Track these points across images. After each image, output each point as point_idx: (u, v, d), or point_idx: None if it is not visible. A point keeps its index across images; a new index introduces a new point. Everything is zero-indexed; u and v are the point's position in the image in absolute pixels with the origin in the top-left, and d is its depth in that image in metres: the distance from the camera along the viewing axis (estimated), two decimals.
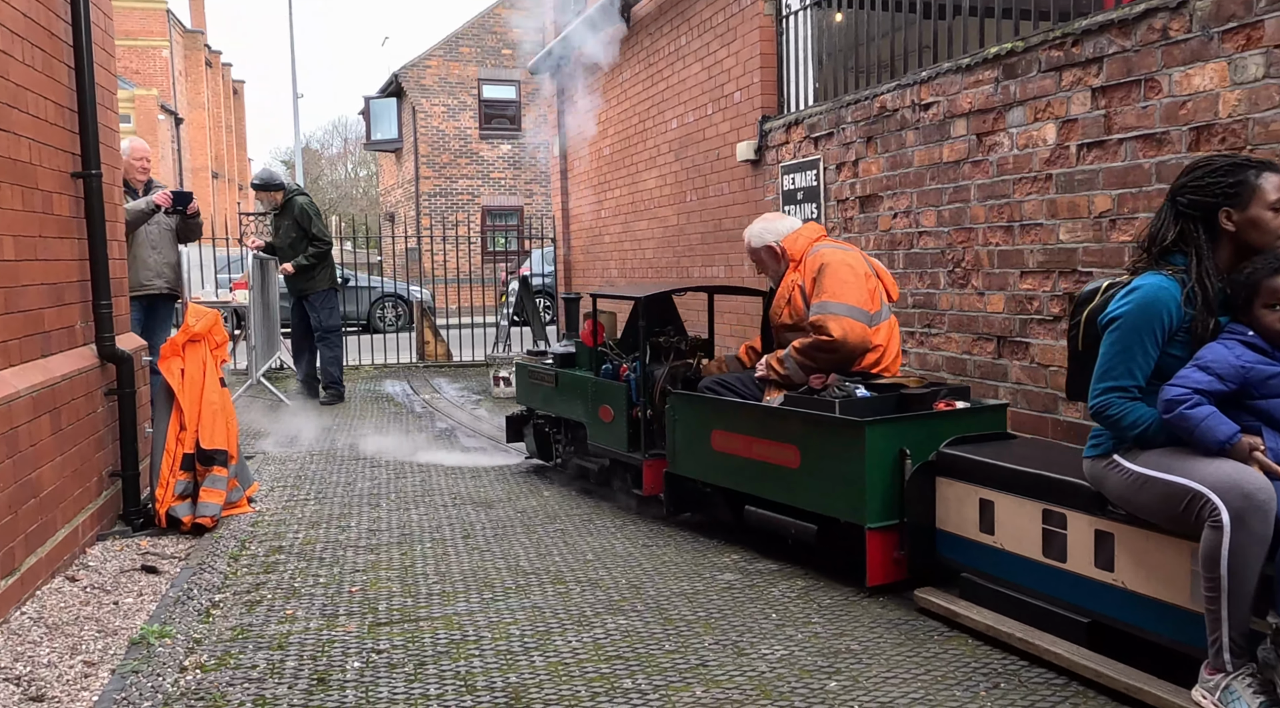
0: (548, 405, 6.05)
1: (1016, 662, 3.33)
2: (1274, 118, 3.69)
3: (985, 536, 3.57)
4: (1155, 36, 4.15)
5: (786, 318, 4.61)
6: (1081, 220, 4.61)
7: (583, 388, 5.55)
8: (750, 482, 4.43)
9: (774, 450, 4.27)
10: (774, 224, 4.79)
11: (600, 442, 5.44)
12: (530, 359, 6.52)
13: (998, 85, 5.08)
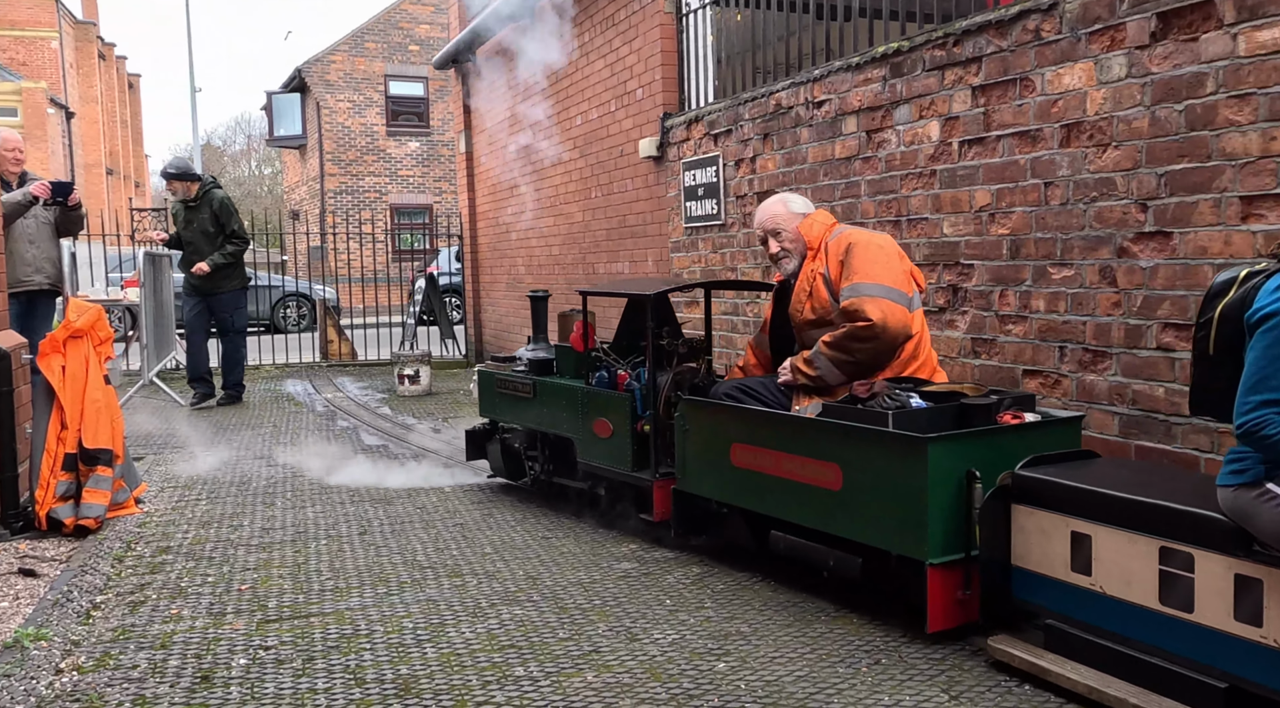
0: (521, 418, 5.36)
1: (896, 636, 3.44)
2: (1136, 116, 3.88)
3: (1079, 576, 2.95)
4: (1029, 37, 4.32)
5: (809, 313, 4.04)
6: (963, 215, 4.78)
7: (571, 399, 4.89)
8: (777, 504, 3.81)
9: (809, 468, 3.63)
10: (790, 204, 4.25)
11: (595, 460, 4.77)
12: (497, 366, 5.76)
13: (885, 84, 5.23)
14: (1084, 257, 4.17)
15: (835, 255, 3.97)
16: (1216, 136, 3.58)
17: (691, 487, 4.26)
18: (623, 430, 4.55)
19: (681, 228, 7.48)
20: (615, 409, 4.59)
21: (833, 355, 3.88)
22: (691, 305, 7.37)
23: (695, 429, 4.21)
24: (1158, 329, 3.88)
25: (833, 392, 3.90)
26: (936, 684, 3.07)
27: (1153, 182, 3.83)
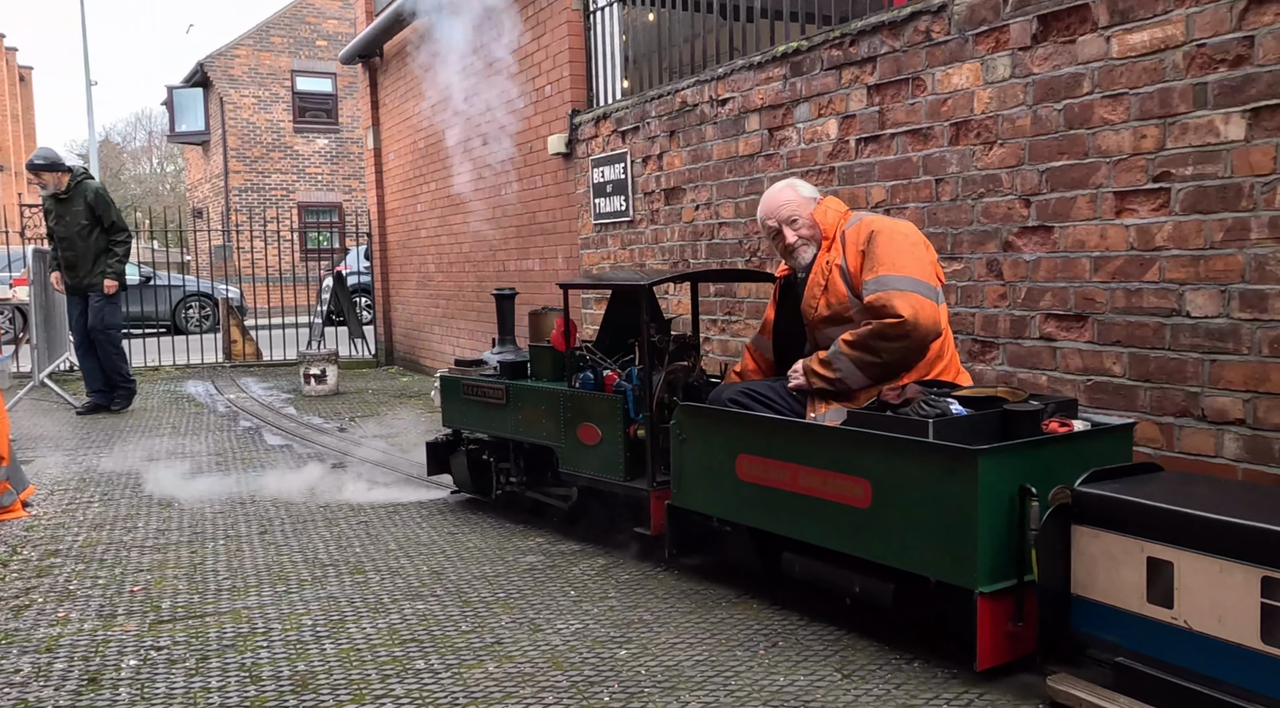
0: (491, 427, 4.90)
1: (794, 619, 3.52)
2: (1019, 115, 4.04)
3: (1157, 609, 2.59)
4: (920, 38, 4.46)
5: (824, 309, 3.60)
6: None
7: (551, 404, 4.46)
8: (792, 522, 3.40)
9: (832, 483, 3.22)
10: (800, 190, 3.82)
11: (581, 469, 4.35)
12: (462, 371, 5.26)
13: (786, 82, 5.34)
14: (972, 251, 4.32)
15: (854, 245, 3.53)
16: (1093, 134, 3.75)
17: (688, 502, 3.82)
18: (613, 436, 4.13)
19: (591, 224, 7.51)
20: (604, 413, 4.18)
21: (855, 356, 3.42)
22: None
23: (694, 439, 3.76)
24: (1040, 319, 4.04)
25: (854, 397, 3.47)
26: (830, 664, 3.15)
27: (1035, 178, 4.00)
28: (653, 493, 4.02)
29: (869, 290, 3.42)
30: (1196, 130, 3.39)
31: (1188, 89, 3.41)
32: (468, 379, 5.04)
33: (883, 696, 2.92)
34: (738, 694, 2.96)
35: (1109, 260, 3.73)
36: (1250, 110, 3.23)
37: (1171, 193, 3.50)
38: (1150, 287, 3.61)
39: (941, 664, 3.09)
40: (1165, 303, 3.56)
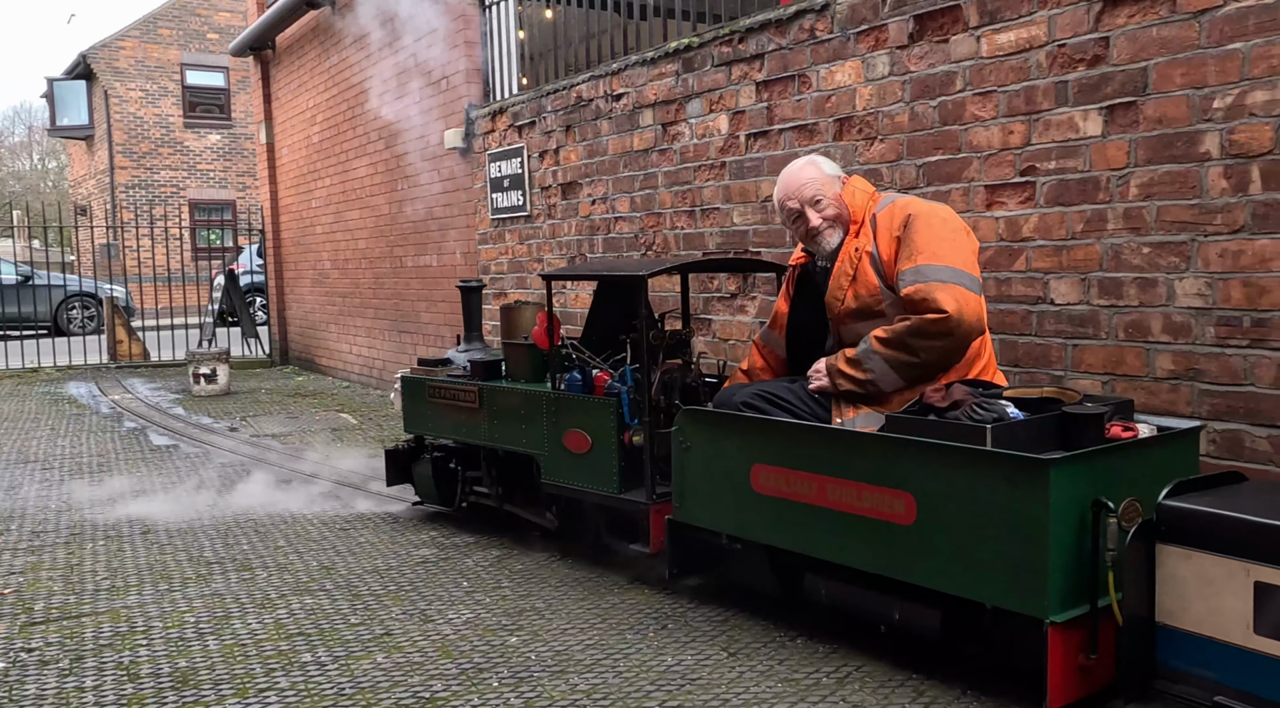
0: (461, 433, 4.45)
1: (684, 602, 3.59)
2: (897, 111, 4.19)
3: (1267, 642, 2.26)
4: (805, 36, 4.58)
5: (851, 301, 3.19)
6: (751, 205, 5.01)
7: (533, 408, 4.03)
8: (817, 540, 3.02)
9: (869, 498, 2.84)
10: (823, 166, 3.36)
11: (567, 480, 3.93)
12: (426, 371, 4.81)
13: (678, 78, 5.41)
14: None
15: (887, 230, 3.13)
16: (965, 130, 3.91)
17: (693, 517, 3.42)
18: (606, 444, 3.71)
19: (488, 219, 7.48)
20: (595, 418, 3.75)
21: (890, 355, 3.03)
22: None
23: (700, 447, 3.35)
24: None
25: (886, 400, 3.10)
26: (716, 644, 3.22)
27: (913, 172, 4.15)
28: (652, 507, 3.59)
29: (906, 282, 3.01)
30: (1059, 127, 3.57)
31: (1050, 87, 3.59)
32: (434, 380, 4.58)
33: (766, 672, 3.00)
34: (625, 675, 3.00)
35: (981, 251, 3.89)
36: (1106, 108, 3.42)
37: (1037, 186, 3.68)
38: (1018, 276, 3.78)
39: (823, 641, 3.19)
40: (1032, 291, 3.73)
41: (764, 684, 2.91)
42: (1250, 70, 3.02)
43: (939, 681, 2.87)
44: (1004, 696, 2.75)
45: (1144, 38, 3.28)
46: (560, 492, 4.00)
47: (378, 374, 9.73)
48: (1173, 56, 3.21)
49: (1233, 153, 3.09)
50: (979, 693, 2.78)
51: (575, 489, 3.91)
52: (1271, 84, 2.97)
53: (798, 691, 2.86)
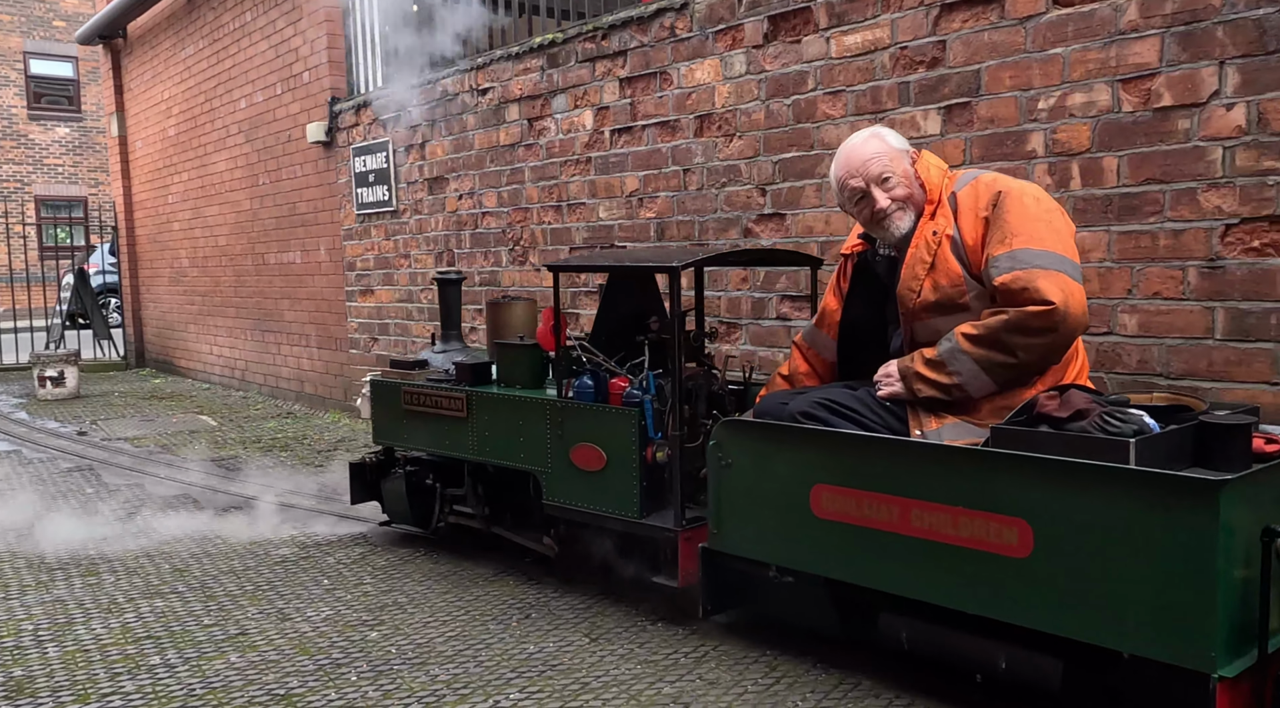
0: (444, 445, 3.93)
1: (548, 593, 3.61)
2: (754, 109, 4.31)
3: None
4: (665, 34, 4.67)
5: (929, 292, 2.73)
6: (616, 199, 5.07)
7: (535, 418, 3.53)
8: (897, 574, 2.57)
9: (967, 524, 2.40)
10: (889, 138, 2.89)
11: (575, 502, 3.43)
12: (401, 374, 4.19)
13: (543, 74, 5.44)
14: (718, 237, 4.56)
15: (972, 210, 2.71)
16: (817, 128, 4.06)
17: (734, 545, 2.96)
18: (625, 460, 3.23)
19: (354, 215, 7.34)
20: (612, 431, 3.27)
21: (982, 354, 2.59)
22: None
23: (745, 464, 2.89)
24: (777, 301, 4.33)
25: (974, 408, 2.66)
26: (579, 630, 3.26)
27: (769, 168, 4.28)
28: (681, 535, 3.11)
29: (1000, 269, 2.58)
30: (902, 125, 3.74)
31: (894, 87, 3.76)
32: (411, 385, 4.05)
33: (626, 654, 3.05)
34: (487, 664, 3.01)
35: (833, 245, 4.05)
36: (944, 108, 3.60)
37: None
38: None
39: (682, 623, 3.26)
40: None
41: (624, 667, 2.96)
42: (1070, 74, 3.23)
43: (791, 657, 2.98)
44: (858, 671, 2.87)
45: (977, 42, 3.47)
46: (565, 514, 3.49)
47: (240, 375, 9.42)
48: (1002, 60, 3.41)
49: (1056, 151, 3.30)
50: (828, 666, 2.90)
51: (585, 511, 3.39)
52: (1088, 87, 3.19)
53: (656, 670, 2.92)
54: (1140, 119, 3.09)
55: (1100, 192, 3.20)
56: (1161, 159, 3.05)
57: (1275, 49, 2.78)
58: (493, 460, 3.75)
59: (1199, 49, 2.93)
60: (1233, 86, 2.87)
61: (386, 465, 4.34)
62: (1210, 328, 2.98)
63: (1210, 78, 2.92)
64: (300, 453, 6.33)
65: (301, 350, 8.29)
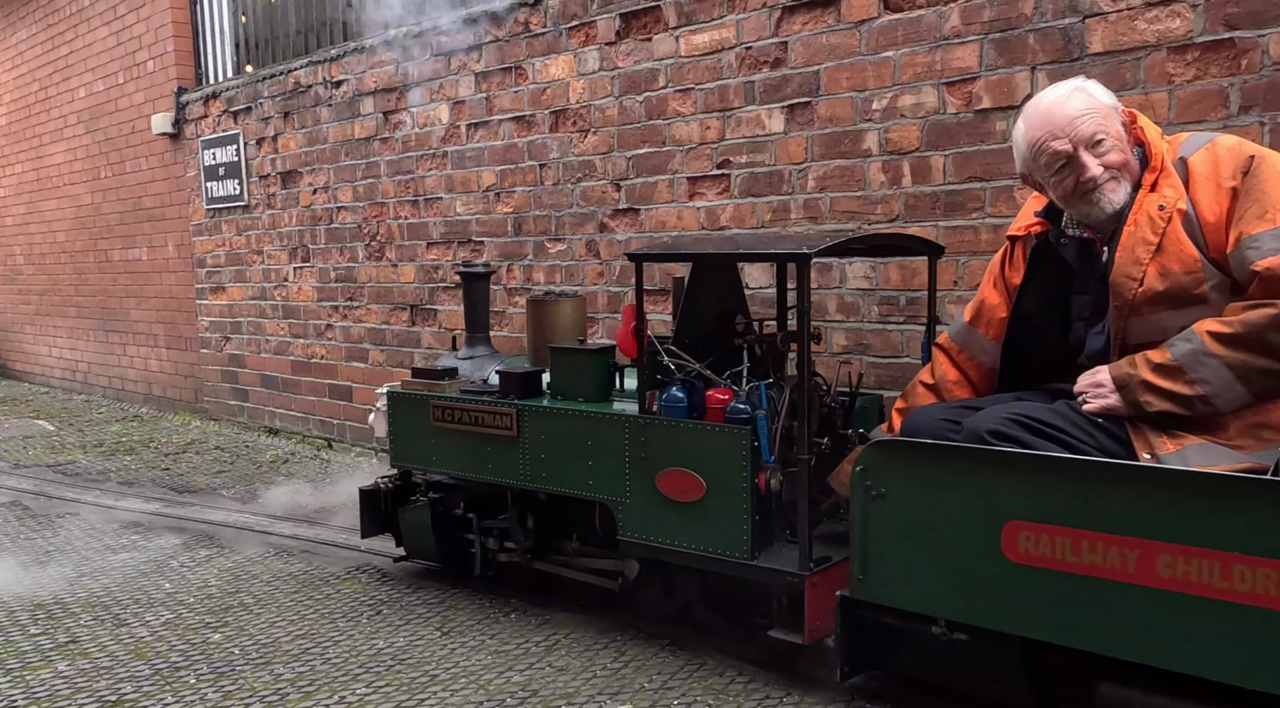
0: (486, 468, 3.35)
1: (400, 589, 3.58)
2: (608, 105, 4.36)
3: None
4: (520, 29, 4.68)
5: (1156, 280, 2.21)
6: (473, 194, 5.05)
7: (609, 436, 2.99)
8: (1135, 637, 2.06)
9: (1246, 577, 1.91)
10: (1096, 92, 2.32)
11: (663, 537, 2.88)
12: (426, 385, 3.58)
13: (398, 66, 5.37)
14: (574, 232, 4.60)
15: (1211, 178, 2.19)
16: (668, 125, 4.14)
17: (886, 595, 2.43)
18: (731, 489, 2.72)
19: (203, 210, 7.07)
20: (715, 453, 2.75)
21: (1239, 359, 2.10)
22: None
23: (903, 495, 2.38)
24: (632, 295, 4.39)
25: (1221, 425, 2.16)
26: (431, 624, 3.24)
27: (623, 164, 4.34)
28: (808, 580, 2.60)
29: (1263, 250, 2.07)
30: (748, 123, 3.85)
31: (740, 86, 3.87)
32: (444, 399, 3.45)
33: (478, 646, 3.05)
34: (335, 661, 2.97)
35: (684, 239, 4.14)
36: (787, 107, 3.73)
37: (731, 179, 3.95)
38: None
39: (536, 614, 3.28)
40: None
41: (474, 658, 2.96)
42: (901, 76, 3.40)
43: (640, 642, 3.04)
44: (703, 653, 2.95)
45: (816, 43, 3.61)
46: (647, 552, 2.95)
47: (82, 378, 8.96)
48: (839, 61, 3.55)
49: (889, 150, 3.46)
50: (675, 648, 2.97)
51: (674, 549, 2.86)
52: (917, 89, 3.36)
53: (507, 660, 2.94)
54: (963, 120, 3.27)
55: (929, 189, 3.38)
56: (982, 158, 3.24)
57: (1079, 56, 2.99)
58: (550, 487, 3.19)
59: (1013, 55, 3.13)
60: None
61: (404, 493, 3.73)
62: None
63: (1023, 82, 3.11)
64: (146, 457, 6.07)
65: (149, 351, 7.94)
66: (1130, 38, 2.90)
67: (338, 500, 4.74)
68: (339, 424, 6.07)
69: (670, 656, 2.92)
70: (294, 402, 6.42)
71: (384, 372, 5.68)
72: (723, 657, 2.88)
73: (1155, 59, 2.86)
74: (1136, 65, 2.90)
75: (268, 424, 6.65)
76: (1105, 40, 2.94)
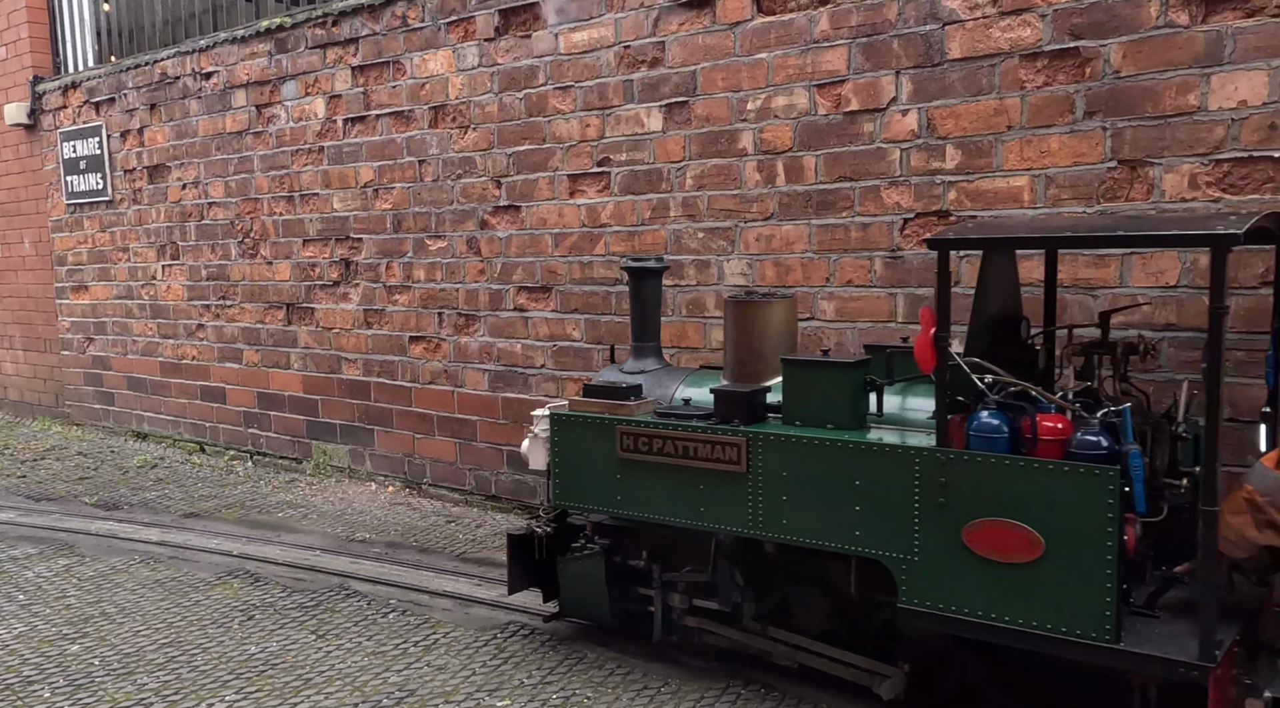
0: (698, 512, 2.69)
1: (275, 593, 3.49)
2: (488, 102, 4.34)
3: None
4: (398, 23, 4.61)
5: None
6: (351, 190, 4.95)
7: (891, 474, 2.38)
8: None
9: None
10: None
11: (975, 608, 2.28)
12: (603, 406, 2.91)
13: (272, 59, 5.22)
14: (454, 229, 4.55)
15: None
16: (549, 122, 4.14)
17: None
18: (1084, 548, 2.13)
19: (63, 205, 6.74)
20: (1061, 500, 2.16)
21: None
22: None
23: None
24: (514, 292, 4.38)
25: None
26: (306, 628, 3.17)
27: (504, 161, 4.32)
28: (1213, 673, 2.06)
29: None
30: (627, 122, 3.89)
31: (619, 85, 3.90)
32: (635, 423, 2.79)
33: (354, 648, 3.00)
34: (203, 668, 2.87)
35: (567, 236, 4.15)
36: (665, 106, 3.78)
37: (611, 176, 3.98)
38: (599, 259, 4.07)
39: (415, 614, 3.24)
40: (610, 274, 4.03)
41: (350, 659, 2.91)
42: (774, 78, 3.48)
43: (521, 638, 3.03)
44: (577, 641, 2.96)
45: (693, 44, 3.67)
46: (952, 627, 2.33)
47: None
48: (715, 62, 3.62)
49: (763, 150, 3.54)
50: (556, 643, 2.97)
51: (994, 625, 2.26)
52: (789, 90, 3.45)
53: (384, 661, 2.90)
54: (833, 122, 3.37)
55: (802, 188, 3.47)
56: (851, 159, 3.34)
57: (940, 62, 3.12)
58: (791, 537, 2.55)
59: (879, 59, 3.24)
60: (906, 94, 3.19)
61: (565, 538, 3.05)
62: (893, 312, 3.30)
63: (889, 85, 3.23)
64: (1, 464, 5.76)
65: (4, 353, 7.52)
66: (986, 45, 3.04)
67: (210, 506, 4.58)
68: (212, 427, 5.87)
69: (550, 651, 2.93)
70: (163, 404, 6.18)
71: (259, 372, 5.52)
72: (603, 649, 2.90)
73: (1009, 66, 3.01)
74: (992, 71, 3.04)
75: (135, 428, 6.38)
76: (963, 47, 3.08)
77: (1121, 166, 2.85)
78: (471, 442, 4.56)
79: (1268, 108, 2.63)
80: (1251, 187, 2.67)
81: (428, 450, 4.75)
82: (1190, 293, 2.80)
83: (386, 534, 4.14)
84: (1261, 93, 2.63)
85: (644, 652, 2.89)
